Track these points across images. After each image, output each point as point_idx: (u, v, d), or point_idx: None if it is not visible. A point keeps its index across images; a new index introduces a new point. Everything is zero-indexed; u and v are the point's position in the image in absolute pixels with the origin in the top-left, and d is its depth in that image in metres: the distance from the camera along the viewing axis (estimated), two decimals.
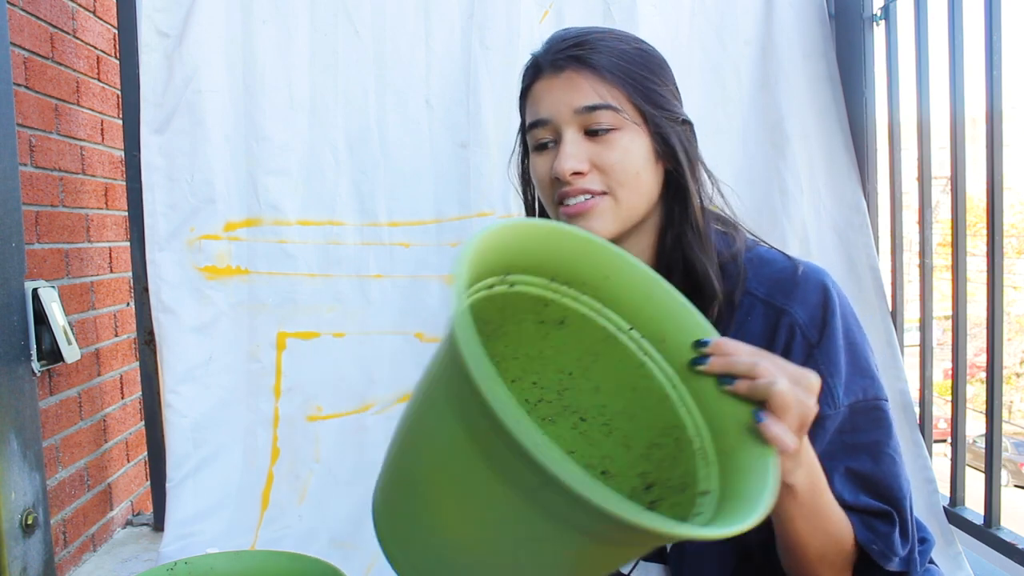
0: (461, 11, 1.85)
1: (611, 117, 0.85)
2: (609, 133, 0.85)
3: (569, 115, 0.85)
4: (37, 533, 1.32)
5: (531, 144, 0.91)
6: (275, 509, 1.85)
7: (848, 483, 0.81)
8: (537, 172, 0.90)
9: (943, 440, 2.33)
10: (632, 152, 0.85)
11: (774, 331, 0.84)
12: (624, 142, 0.85)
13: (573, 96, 0.85)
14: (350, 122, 1.86)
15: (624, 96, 0.85)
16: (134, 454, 2.10)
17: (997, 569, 1.58)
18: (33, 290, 1.42)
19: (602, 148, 0.85)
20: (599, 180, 0.85)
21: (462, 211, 1.86)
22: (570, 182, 0.85)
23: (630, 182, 0.85)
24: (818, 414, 0.79)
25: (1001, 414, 1.49)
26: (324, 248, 1.86)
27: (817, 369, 0.79)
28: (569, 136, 0.85)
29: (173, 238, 1.81)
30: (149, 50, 1.78)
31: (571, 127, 0.86)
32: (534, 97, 0.89)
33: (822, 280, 0.85)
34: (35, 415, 1.34)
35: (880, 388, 0.84)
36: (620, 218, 0.86)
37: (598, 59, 0.85)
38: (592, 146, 0.85)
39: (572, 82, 0.85)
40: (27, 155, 1.60)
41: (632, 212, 0.87)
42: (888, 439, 0.82)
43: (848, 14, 1.87)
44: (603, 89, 0.85)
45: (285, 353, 1.86)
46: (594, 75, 0.85)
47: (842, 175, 1.85)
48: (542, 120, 0.88)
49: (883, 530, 0.80)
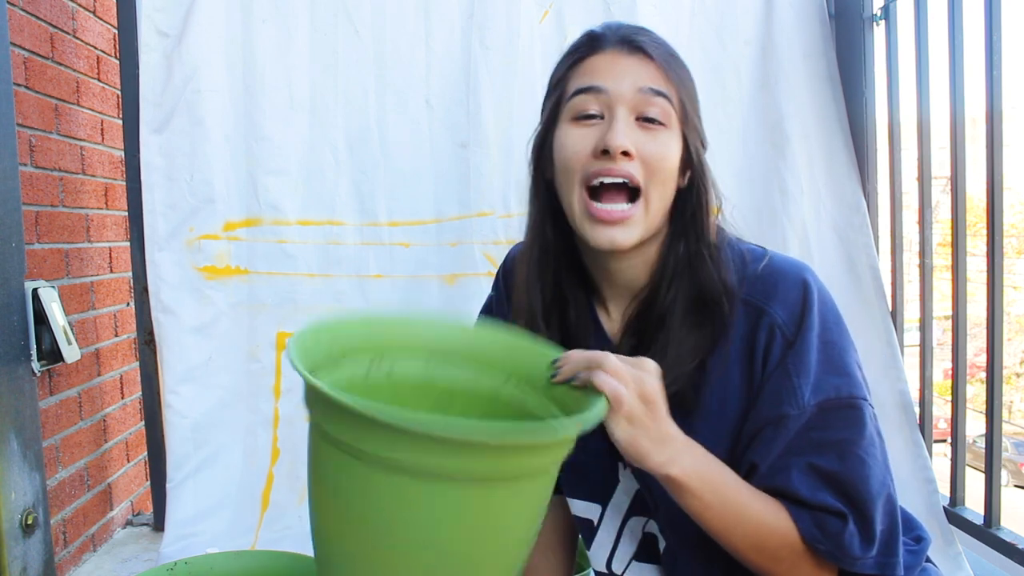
0: (461, 11, 1.85)
1: (666, 110, 0.84)
2: (659, 126, 0.84)
3: (632, 92, 0.83)
4: (37, 533, 1.32)
5: (569, 113, 0.86)
6: (275, 510, 1.85)
7: (808, 479, 0.80)
8: (569, 144, 0.85)
9: (943, 440, 2.33)
10: (671, 152, 0.85)
11: (754, 332, 0.84)
12: (667, 140, 0.84)
13: (641, 75, 0.84)
14: (350, 122, 1.86)
15: (676, 98, 0.85)
16: (134, 454, 2.09)
17: (997, 569, 1.58)
18: (33, 290, 1.42)
19: (650, 139, 0.83)
20: (641, 170, 0.83)
21: (462, 211, 1.86)
22: (616, 160, 0.82)
23: (663, 183, 0.84)
24: (780, 414, 0.80)
25: (1001, 414, 1.49)
26: (324, 248, 1.86)
27: (786, 371, 0.81)
28: (622, 114, 0.83)
29: (172, 238, 1.81)
30: (149, 50, 1.78)
31: (626, 107, 0.83)
32: (591, 66, 0.86)
33: (802, 276, 0.85)
34: (35, 415, 1.34)
35: (858, 387, 0.82)
36: (646, 229, 0.85)
37: (661, 55, 0.85)
38: (641, 134, 0.83)
39: (642, 62, 0.84)
40: (27, 155, 1.60)
41: (655, 220, 0.86)
42: (859, 439, 0.80)
43: (848, 14, 1.87)
44: (665, 82, 0.84)
45: (285, 353, 1.86)
46: (659, 67, 0.85)
47: (842, 175, 1.85)
48: (597, 87, 0.84)
49: (832, 530, 0.79)
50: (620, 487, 0.99)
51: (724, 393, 0.85)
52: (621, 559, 1.01)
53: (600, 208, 0.83)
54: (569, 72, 0.88)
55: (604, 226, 0.84)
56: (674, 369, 0.84)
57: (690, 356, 0.85)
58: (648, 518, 0.98)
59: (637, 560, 1.00)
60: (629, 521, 1.00)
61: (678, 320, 0.86)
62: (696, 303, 0.86)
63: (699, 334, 0.86)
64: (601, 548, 1.03)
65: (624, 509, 0.99)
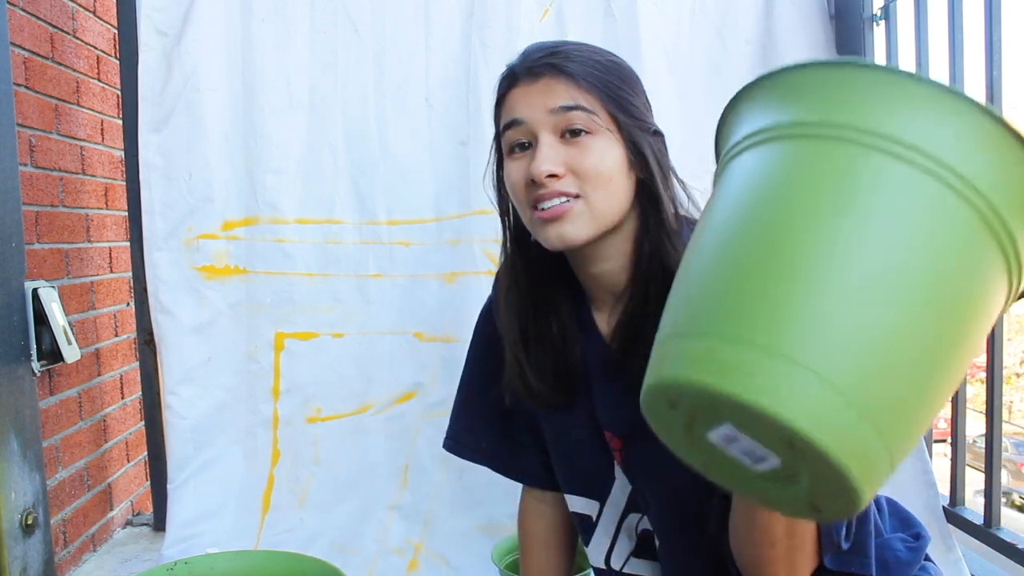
0: (461, 10, 1.85)
1: (586, 120, 0.86)
2: (584, 136, 0.86)
3: (544, 115, 0.86)
4: (37, 533, 1.32)
5: (505, 148, 0.91)
6: (276, 512, 1.85)
7: None
8: (511, 177, 0.90)
9: (943, 440, 2.33)
10: (606, 157, 0.86)
11: None
12: (599, 147, 0.86)
13: (548, 98, 0.86)
14: (349, 121, 1.86)
15: (599, 103, 0.86)
16: (134, 454, 2.09)
17: (997, 569, 1.58)
18: (33, 290, 1.42)
19: (577, 151, 0.86)
20: (574, 183, 0.85)
21: (462, 209, 1.86)
22: (545, 184, 0.85)
23: (604, 186, 0.86)
24: None
25: (1001, 414, 1.49)
26: (323, 247, 1.86)
27: None
28: (545, 139, 0.86)
29: (171, 237, 1.81)
30: (148, 49, 1.78)
31: (546, 130, 0.86)
32: (510, 103, 0.90)
33: None
34: (35, 415, 1.34)
35: None
36: (594, 223, 0.86)
37: (574, 67, 0.87)
38: (567, 150, 0.86)
39: (548, 87, 0.86)
40: (27, 155, 1.60)
41: (605, 217, 0.87)
42: None
43: (848, 14, 1.87)
44: (578, 94, 0.86)
45: (283, 354, 1.86)
46: (570, 81, 0.86)
47: None
48: (517, 120, 0.88)
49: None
50: (616, 484, 1.00)
51: None
52: (619, 555, 1.02)
53: (541, 212, 0.86)
54: (498, 111, 0.93)
55: (550, 224, 0.86)
56: None
57: None
58: (645, 515, 0.98)
59: (635, 556, 1.00)
60: (626, 518, 1.00)
61: (658, 314, 0.87)
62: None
63: None
64: (599, 544, 1.03)
65: (621, 506, 1.00)
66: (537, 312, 0.97)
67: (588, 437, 0.99)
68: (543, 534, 1.14)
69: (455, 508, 1.84)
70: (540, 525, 1.14)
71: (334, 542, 1.80)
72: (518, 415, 1.08)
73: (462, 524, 1.83)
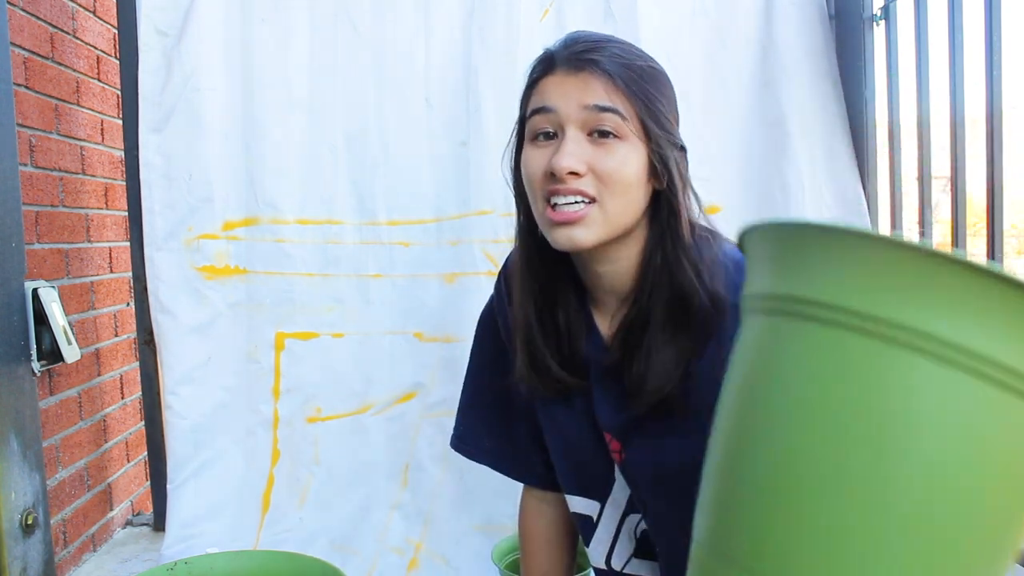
0: (461, 9, 1.85)
1: (617, 124, 0.84)
2: (612, 139, 0.85)
3: (577, 110, 0.85)
4: (37, 533, 1.32)
5: (528, 134, 0.90)
6: (276, 512, 1.85)
7: None
8: (529, 165, 0.88)
9: None
10: (630, 164, 0.85)
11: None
12: (624, 152, 0.85)
13: (585, 94, 0.85)
14: (349, 121, 1.86)
15: (633, 110, 0.85)
16: (134, 454, 2.10)
17: None
18: (33, 290, 1.42)
19: (602, 153, 0.85)
20: (593, 185, 0.84)
21: (462, 209, 1.86)
22: (565, 180, 0.84)
23: (622, 193, 0.85)
24: None
25: None
26: (323, 247, 1.86)
27: None
28: (571, 134, 0.85)
29: (171, 237, 1.81)
30: (148, 49, 1.78)
31: (575, 125, 0.85)
32: (543, 89, 0.88)
33: None
34: (35, 415, 1.34)
35: None
36: (606, 228, 0.86)
37: (616, 68, 0.85)
38: (593, 150, 0.85)
39: (586, 82, 0.85)
40: (27, 155, 1.60)
41: (618, 225, 0.87)
42: None
43: (848, 14, 1.87)
44: (616, 96, 0.85)
45: (284, 354, 1.86)
46: (609, 82, 0.85)
47: (843, 172, 1.85)
48: (548, 108, 0.86)
49: None
50: (617, 485, 1.00)
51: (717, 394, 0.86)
52: (620, 556, 1.02)
53: (556, 211, 0.85)
54: (528, 93, 0.91)
55: (562, 227, 0.85)
56: (659, 373, 0.85)
57: (674, 360, 0.86)
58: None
59: (636, 557, 1.00)
60: (627, 519, 1.01)
61: (660, 324, 0.87)
62: (677, 308, 0.86)
63: (683, 338, 0.86)
64: (600, 545, 1.03)
65: (622, 507, 1.00)
66: (547, 298, 0.96)
67: (589, 438, 0.99)
68: (544, 534, 1.14)
69: (455, 508, 1.84)
70: (541, 525, 1.14)
71: (334, 542, 1.80)
72: (520, 416, 1.08)
73: (462, 524, 1.83)
